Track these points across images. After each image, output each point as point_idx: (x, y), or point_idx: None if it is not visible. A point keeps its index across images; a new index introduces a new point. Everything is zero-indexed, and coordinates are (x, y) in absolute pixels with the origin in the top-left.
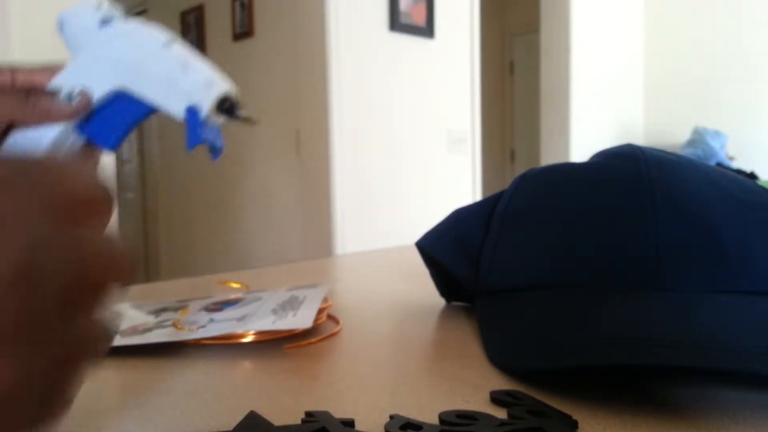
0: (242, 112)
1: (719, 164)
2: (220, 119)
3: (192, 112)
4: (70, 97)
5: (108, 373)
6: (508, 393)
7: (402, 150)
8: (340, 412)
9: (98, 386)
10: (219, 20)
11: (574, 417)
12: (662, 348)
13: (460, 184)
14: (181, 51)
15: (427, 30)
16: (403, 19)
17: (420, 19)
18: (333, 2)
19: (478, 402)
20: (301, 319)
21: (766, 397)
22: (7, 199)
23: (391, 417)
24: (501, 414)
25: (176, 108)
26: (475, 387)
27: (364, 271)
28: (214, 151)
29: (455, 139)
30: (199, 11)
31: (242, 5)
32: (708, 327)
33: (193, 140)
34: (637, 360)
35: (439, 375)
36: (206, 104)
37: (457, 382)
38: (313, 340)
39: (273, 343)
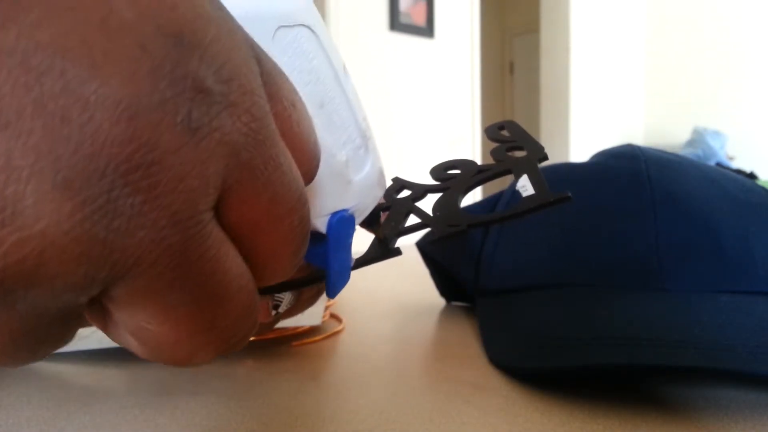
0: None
1: (719, 164)
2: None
3: (346, 222)
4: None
5: (109, 372)
6: (500, 126)
7: (402, 150)
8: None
9: (99, 386)
10: None
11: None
12: (662, 348)
13: None
14: (355, 97)
15: (427, 30)
16: (403, 19)
17: (420, 19)
18: (333, 2)
19: (478, 401)
20: (310, 317)
21: (766, 397)
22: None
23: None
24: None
25: (325, 207)
26: (475, 387)
27: (364, 270)
28: (340, 285)
29: (455, 138)
30: None
31: None
32: (708, 327)
33: (342, 277)
34: (637, 360)
35: (439, 375)
36: (365, 214)
37: (457, 382)
38: (318, 337)
39: (276, 342)
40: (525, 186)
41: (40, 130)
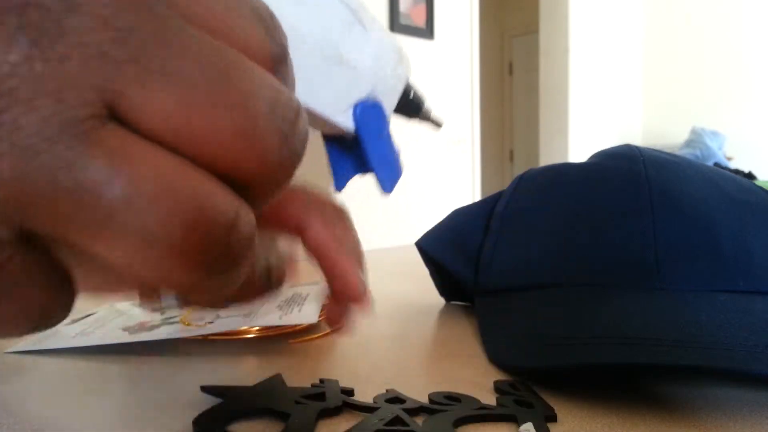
0: (429, 109)
1: (717, 164)
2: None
3: (372, 110)
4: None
5: (113, 370)
6: (511, 384)
7: (401, 150)
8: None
9: (102, 383)
10: None
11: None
12: (661, 347)
13: (459, 184)
14: None
15: (426, 31)
16: (403, 20)
17: (420, 20)
18: None
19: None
20: (306, 315)
21: (765, 397)
22: None
23: (387, 390)
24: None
25: (340, 100)
26: (475, 386)
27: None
28: (390, 178)
29: (455, 139)
30: None
31: None
32: (707, 326)
33: (389, 169)
34: (636, 359)
35: (439, 374)
36: (394, 97)
37: (456, 381)
38: (317, 335)
39: (276, 340)
40: (529, 431)
41: None
